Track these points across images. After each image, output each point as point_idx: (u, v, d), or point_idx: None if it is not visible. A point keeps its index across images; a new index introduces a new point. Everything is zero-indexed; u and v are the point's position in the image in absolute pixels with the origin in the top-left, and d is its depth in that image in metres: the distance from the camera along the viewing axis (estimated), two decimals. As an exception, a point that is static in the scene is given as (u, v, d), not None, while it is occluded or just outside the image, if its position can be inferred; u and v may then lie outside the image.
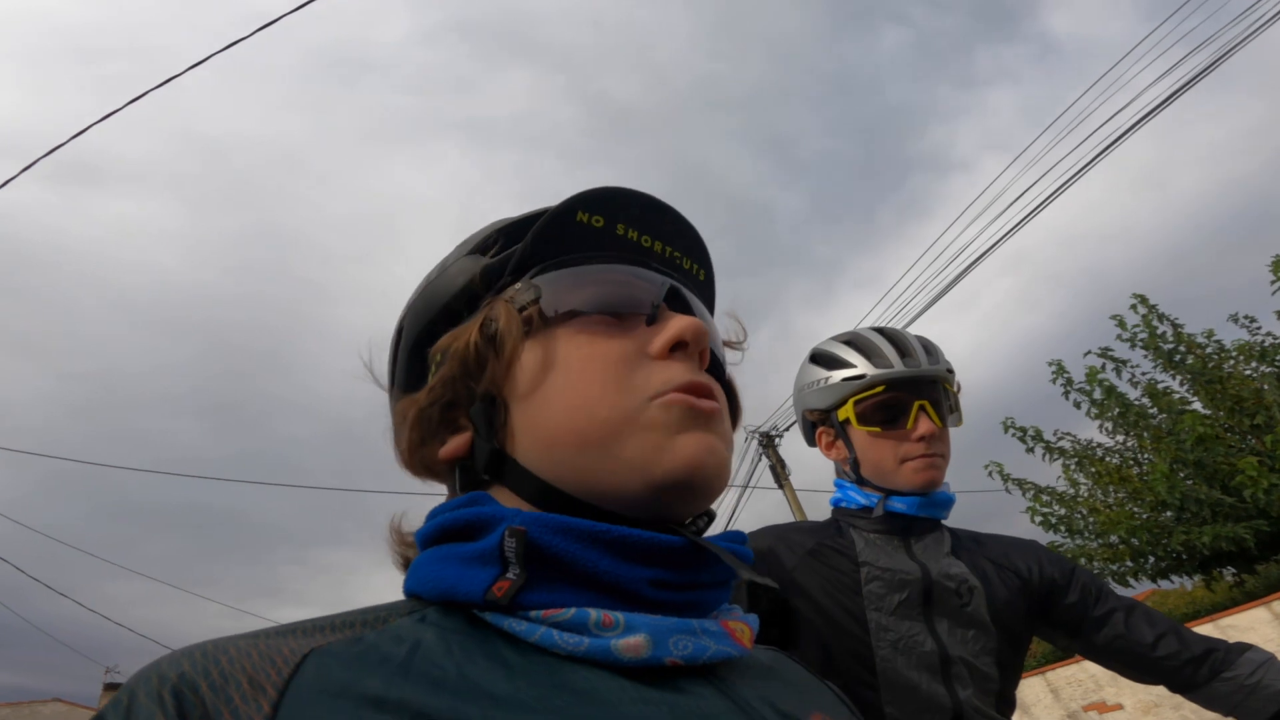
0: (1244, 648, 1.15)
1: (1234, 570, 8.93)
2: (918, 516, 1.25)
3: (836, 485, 1.37)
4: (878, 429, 1.26)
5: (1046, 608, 1.25)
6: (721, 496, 0.54)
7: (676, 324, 0.50)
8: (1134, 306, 9.30)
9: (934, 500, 1.26)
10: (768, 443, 13.13)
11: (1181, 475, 8.18)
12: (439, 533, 0.47)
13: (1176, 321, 9.12)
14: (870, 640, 1.16)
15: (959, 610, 1.18)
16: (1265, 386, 8.31)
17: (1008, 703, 1.19)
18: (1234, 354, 8.85)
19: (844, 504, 1.33)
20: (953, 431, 1.34)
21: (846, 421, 1.30)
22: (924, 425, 1.24)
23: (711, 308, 0.63)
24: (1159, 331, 9.09)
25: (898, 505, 1.25)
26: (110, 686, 23.76)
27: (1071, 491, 9.51)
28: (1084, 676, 9.01)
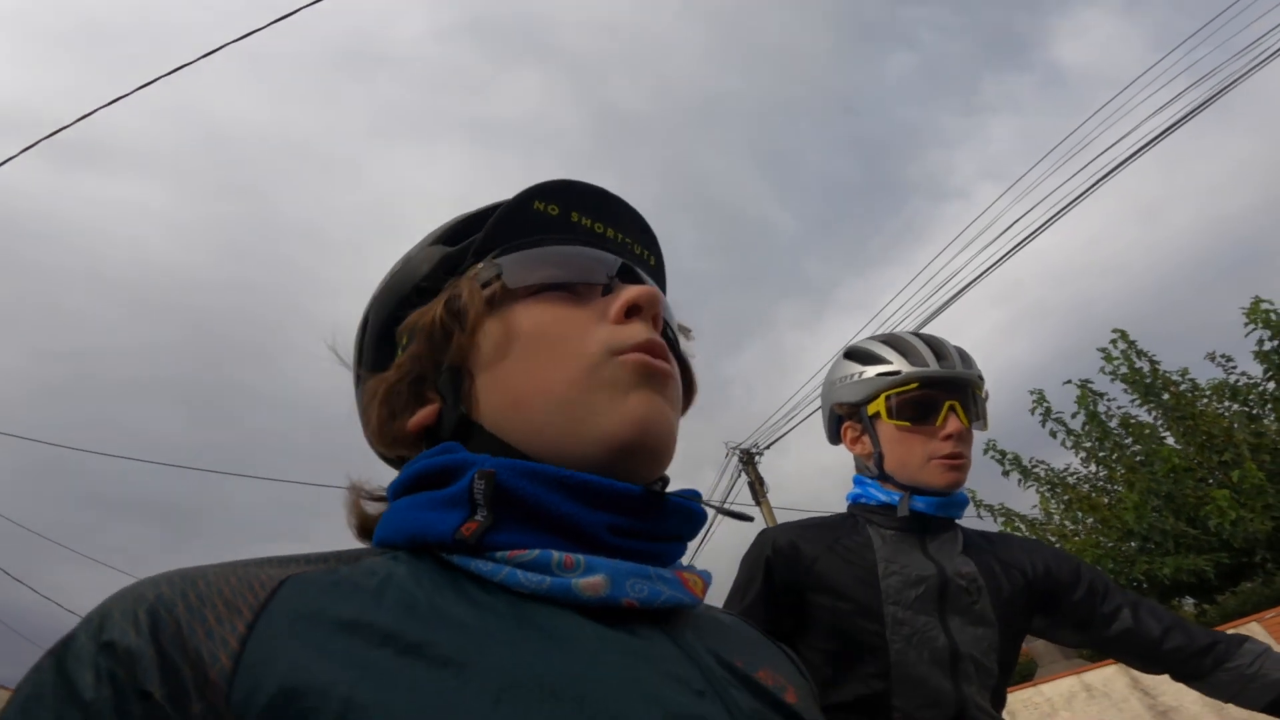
0: (1242, 639, 1.21)
1: (1194, 600, 9.14)
2: (935, 516, 1.29)
3: (856, 481, 1.40)
4: (907, 424, 1.30)
5: (1051, 603, 1.29)
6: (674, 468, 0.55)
7: (631, 290, 0.53)
8: (1114, 342, 9.56)
9: (953, 501, 1.29)
10: (748, 460, 13.24)
11: (1151, 506, 8.42)
12: (414, 480, 0.49)
13: (1154, 358, 9.38)
14: (885, 634, 1.19)
15: (969, 608, 1.22)
16: (1235, 425, 8.60)
17: (1001, 699, 1.23)
18: (1208, 392, 9.12)
19: (863, 499, 1.36)
20: None
21: (876, 415, 1.33)
22: (952, 424, 1.27)
23: (663, 291, 0.66)
24: (1136, 366, 9.35)
25: (919, 505, 1.28)
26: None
27: (1044, 518, 9.72)
28: (1040, 700, 9.05)
